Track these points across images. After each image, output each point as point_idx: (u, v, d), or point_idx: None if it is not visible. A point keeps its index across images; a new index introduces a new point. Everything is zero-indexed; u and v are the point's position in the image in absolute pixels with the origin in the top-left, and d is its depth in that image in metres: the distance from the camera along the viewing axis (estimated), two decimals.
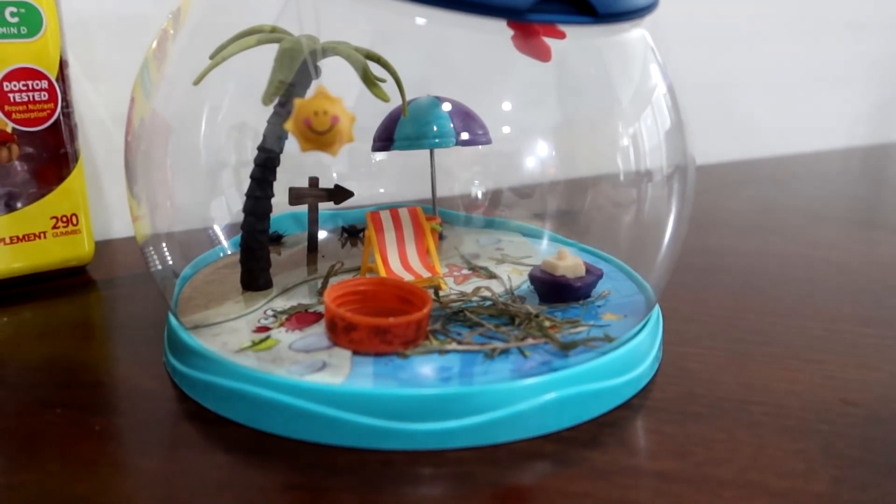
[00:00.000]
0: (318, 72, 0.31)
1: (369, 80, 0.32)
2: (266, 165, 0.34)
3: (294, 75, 0.31)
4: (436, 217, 0.40)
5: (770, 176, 0.77)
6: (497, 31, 0.29)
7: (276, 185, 0.35)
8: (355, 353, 0.29)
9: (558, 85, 0.35)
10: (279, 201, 0.36)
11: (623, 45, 0.32)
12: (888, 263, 0.47)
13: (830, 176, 0.80)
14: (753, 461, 0.25)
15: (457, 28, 0.26)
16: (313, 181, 0.40)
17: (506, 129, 0.39)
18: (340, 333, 0.29)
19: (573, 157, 0.39)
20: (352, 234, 0.45)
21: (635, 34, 0.31)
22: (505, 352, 0.29)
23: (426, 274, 0.35)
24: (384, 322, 0.29)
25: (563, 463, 0.25)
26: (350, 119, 0.27)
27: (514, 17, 0.23)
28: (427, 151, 0.41)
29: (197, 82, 0.31)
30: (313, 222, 0.41)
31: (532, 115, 0.39)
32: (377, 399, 0.25)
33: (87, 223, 0.43)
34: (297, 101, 0.27)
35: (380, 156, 0.41)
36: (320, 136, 0.27)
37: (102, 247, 0.48)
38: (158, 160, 0.33)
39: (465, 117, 0.39)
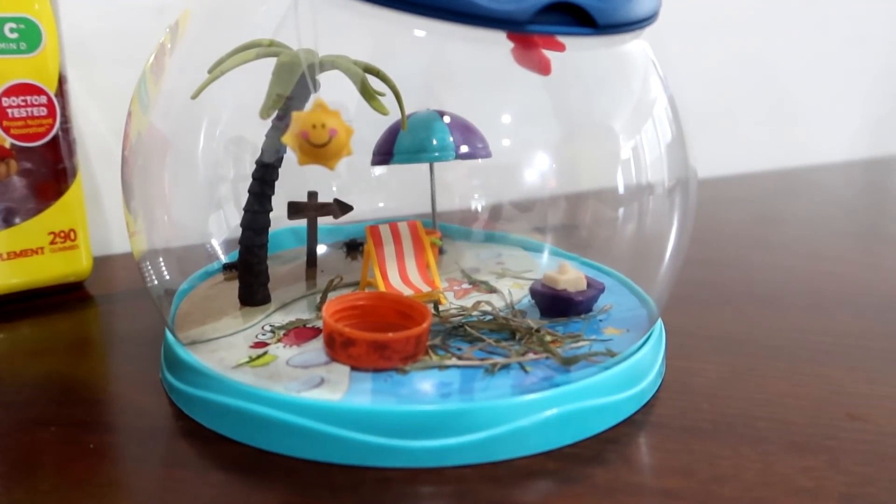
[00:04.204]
0: (316, 85, 0.31)
1: (368, 94, 0.32)
2: (264, 180, 0.34)
3: (292, 89, 0.31)
4: (436, 231, 0.40)
5: (771, 189, 0.77)
6: (497, 44, 0.29)
7: (274, 199, 0.34)
8: (354, 368, 0.29)
9: (558, 98, 0.35)
10: (278, 216, 0.35)
11: (623, 57, 0.32)
12: (892, 277, 0.47)
13: (831, 189, 0.80)
14: (760, 478, 0.24)
15: (456, 41, 0.26)
16: (312, 195, 0.39)
17: (506, 143, 0.39)
18: (339, 349, 0.29)
19: (574, 171, 0.38)
20: (351, 247, 0.44)
21: (635, 46, 0.31)
22: (506, 367, 0.29)
23: (426, 288, 0.35)
24: (383, 337, 0.28)
25: (565, 480, 0.24)
26: (348, 132, 0.27)
27: (514, 28, 0.23)
28: (427, 165, 0.41)
29: (195, 96, 0.31)
30: (312, 237, 0.41)
31: (532, 127, 0.38)
32: (376, 416, 0.25)
33: (85, 238, 0.43)
34: (294, 114, 0.26)
35: (379, 170, 0.41)
36: (318, 150, 0.27)
37: (101, 262, 0.48)
38: (155, 175, 0.33)
39: (464, 131, 0.38)
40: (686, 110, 0.33)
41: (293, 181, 0.37)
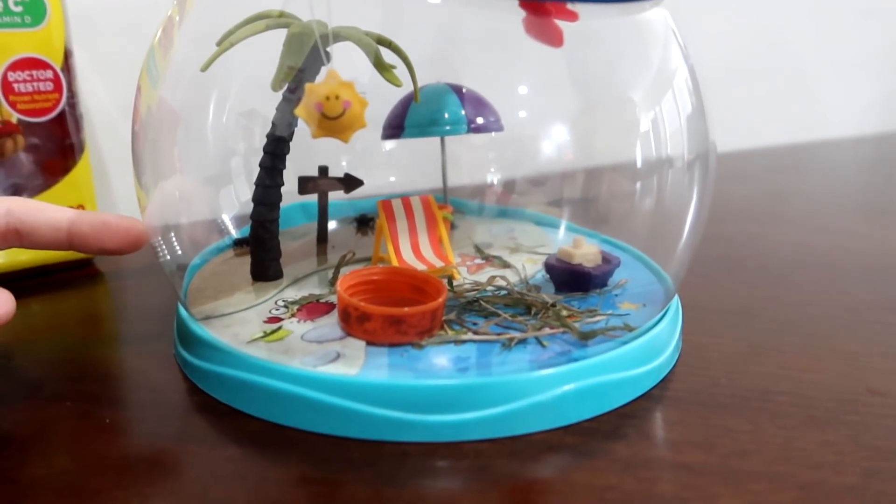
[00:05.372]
0: (328, 57, 0.31)
1: (381, 65, 0.31)
2: (275, 153, 0.33)
3: (304, 60, 0.31)
4: (447, 206, 0.40)
5: (781, 164, 0.76)
6: (509, 12, 0.28)
7: (285, 174, 0.34)
8: (369, 343, 0.28)
9: (574, 68, 0.34)
10: (288, 190, 0.35)
11: (643, 26, 0.31)
12: None
13: (842, 164, 0.79)
14: (782, 453, 0.24)
15: (468, 9, 0.25)
16: (323, 170, 0.39)
17: (520, 115, 0.38)
18: (354, 323, 0.29)
19: (590, 144, 0.38)
20: (361, 223, 0.44)
21: (655, 14, 0.30)
22: (522, 342, 0.29)
23: (439, 263, 0.34)
24: (399, 312, 0.28)
25: (584, 455, 0.24)
26: (362, 104, 0.26)
27: None
28: (438, 139, 0.41)
29: (204, 69, 0.31)
30: (323, 212, 0.40)
31: (546, 100, 0.38)
32: (393, 390, 0.25)
33: None
34: (308, 86, 0.26)
35: (390, 144, 0.40)
36: (332, 122, 0.26)
37: None
38: (166, 149, 0.33)
39: (476, 104, 0.38)
40: (706, 82, 0.32)
41: (303, 156, 0.36)
